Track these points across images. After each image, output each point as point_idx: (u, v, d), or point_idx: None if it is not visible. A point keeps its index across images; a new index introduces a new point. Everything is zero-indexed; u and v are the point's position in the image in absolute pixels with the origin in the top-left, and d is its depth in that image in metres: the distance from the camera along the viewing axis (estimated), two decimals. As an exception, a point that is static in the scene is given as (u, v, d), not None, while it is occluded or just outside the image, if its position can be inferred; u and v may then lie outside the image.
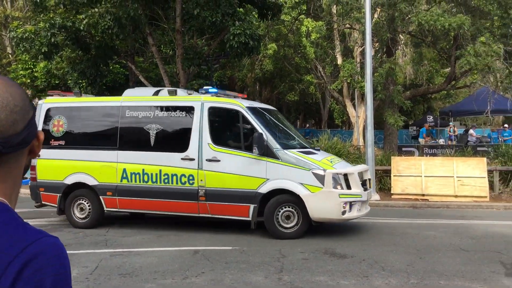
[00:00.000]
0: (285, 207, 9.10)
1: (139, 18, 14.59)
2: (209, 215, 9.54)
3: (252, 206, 9.10)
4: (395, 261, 7.45)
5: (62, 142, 10.50)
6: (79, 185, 10.34)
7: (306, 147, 10.00)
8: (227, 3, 14.18)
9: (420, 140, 22.68)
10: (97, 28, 14.77)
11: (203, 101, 9.72)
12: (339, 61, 24.85)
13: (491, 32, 18.54)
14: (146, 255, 7.82)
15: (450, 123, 25.15)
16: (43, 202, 10.68)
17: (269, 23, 21.82)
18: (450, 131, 24.38)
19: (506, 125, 25.10)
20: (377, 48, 21.20)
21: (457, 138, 23.45)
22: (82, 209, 10.33)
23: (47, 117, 10.70)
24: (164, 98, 10.22)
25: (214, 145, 9.47)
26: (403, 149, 19.37)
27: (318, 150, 10.34)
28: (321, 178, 8.89)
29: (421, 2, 16.33)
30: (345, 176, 9.13)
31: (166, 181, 9.68)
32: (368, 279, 6.56)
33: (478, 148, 18.25)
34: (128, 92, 11.11)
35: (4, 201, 1.11)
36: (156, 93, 10.50)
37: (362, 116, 24.62)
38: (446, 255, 7.87)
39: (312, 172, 8.94)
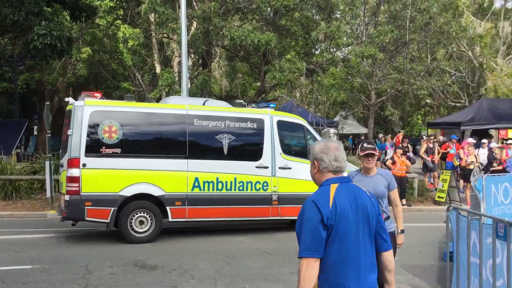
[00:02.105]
0: None
1: None
2: (279, 217, 10.51)
3: None
4: (204, 268, 7.60)
5: (118, 150, 9.37)
6: (138, 197, 9.46)
7: None
8: (32, 0, 13.09)
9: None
10: None
11: (271, 115, 10.70)
12: (158, 69, 24.74)
13: (296, 50, 20.32)
14: None
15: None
16: (87, 219, 9.19)
17: (83, 26, 20.76)
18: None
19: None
20: (194, 59, 21.61)
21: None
22: (142, 223, 9.46)
23: (92, 122, 9.30)
24: (234, 109, 10.68)
25: (285, 154, 10.61)
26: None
27: None
28: None
29: (234, 18, 17.12)
30: None
31: (240, 188, 10.13)
32: (177, 289, 6.57)
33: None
34: (173, 99, 11.12)
35: None
36: (204, 103, 10.75)
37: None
38: (252, 259, 8.29)
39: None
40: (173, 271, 7.41)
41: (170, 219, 9.73)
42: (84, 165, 9.12)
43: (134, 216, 9.40)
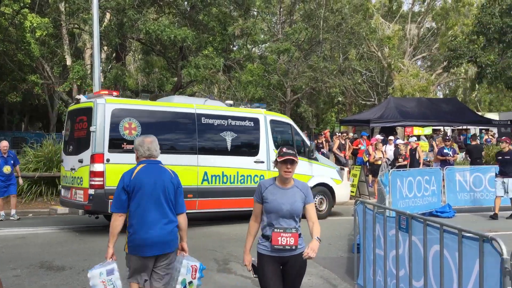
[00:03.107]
0: (319, 195, 12.47)
1: None
2: None
3: None
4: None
5: None
6: None
7: None
8: None
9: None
10: None
11: (265, 115, 11.95)
12: (69, 62, 23.62)
13: (214, 46, 20.27)
14: None
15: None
16: (110, 211, 8.33)
17: (-15, 14, 19.35)
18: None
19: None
20: (107, 52, 20.89)
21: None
22: None
23: (114, 119, 9.82)
24: (233, 109, 11.66)
25: (277, 150, 10.65)
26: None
27: None
28: (341, 174, 13.06)
29: (150, 11, 16.75)
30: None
31: (242, 181, 11.25)
32: (86, 290, 6.32)
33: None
34: (177, 99, 11.67)
35: None
36: (204, 101, 11.58)
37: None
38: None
39: (337, 170, 12.99)
40: (82, 272, 7.12)
41: None
42: (108, 160, 9.69)
43: None
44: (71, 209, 12.15)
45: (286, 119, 12.76)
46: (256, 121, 11.72)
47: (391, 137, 18.84)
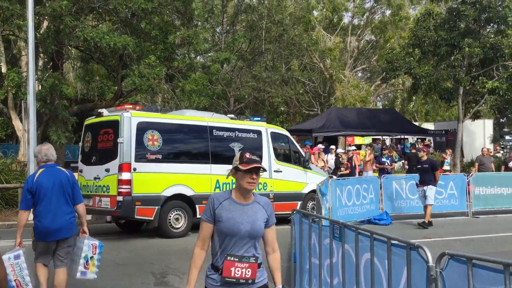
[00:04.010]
0: (312, 201, 13.24)
1: None
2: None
3: (299, 203, 13.05)
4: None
5: (159, 156, 10.99)
6: (175, 197, 11.00)
7: None
8: None
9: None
10: None
11: (266, 127, 13.20)
12: (4, 69, 22.63)
13: (156, 55, 19.97)
14: None
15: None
16: (136, 217, 10.57)
17: None
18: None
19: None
20: (44, 60, 20.19)
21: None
22: (177, 220, 11.03)
23: (139, 131, 10.76)
24: (239, 122, 12.93)
25: (277, 160, 12.96)
26: (71, 165, 18.86)
27: None
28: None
29: (88, 18, 16.31)
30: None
31: None
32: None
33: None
34: (190, 112, 12.68)
35: None
36: (211, 115, 12.87)
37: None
38: (105, 270, 7.89)
39: (327, 178, 13.03)
40: None
41: (198, 215, 11.06)
42: (134, 169, 10.60)
43: (171, 214, 10.96)
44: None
45: (284, 131, 14.07)
46: (259, 133, 12.92)
47: (333, 146, 19.21)
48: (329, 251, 5.25)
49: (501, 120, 29.40)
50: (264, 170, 3.45)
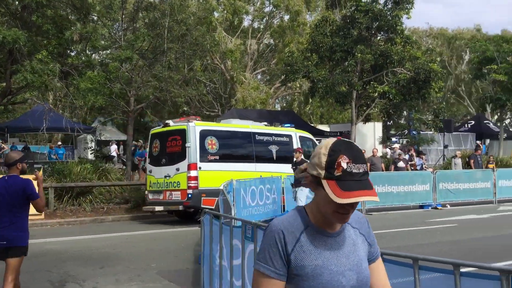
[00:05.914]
0: None
1: None
2: None
3: None
4: None
5: (217, 157, 13.74)
6: None
7: None
8: None
9: None
10: None
11: (295, 132, 15.93)
12: None
13: (49, 50, 18.80)
14: None
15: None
16: (202, 206, 12.26)
17: None
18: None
19: (59, 143, 26.06)
20: None
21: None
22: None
23: (201, 137, 13.54)
24: (274, 128, 15.79)
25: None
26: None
27: None
28: None
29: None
30: None
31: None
32: None
33: (35, 165, 18.10)
34: (234, 121, 16.01)
35: None
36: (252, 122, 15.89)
37: None
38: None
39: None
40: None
41: None
42: (200, 168, 13.32)
43: None
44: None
45: (309, 135, 16.64)
46: (290, 137, 15.61)
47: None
48: (241, 251, 5.25)
49: (388, 123, 31.37)
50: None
